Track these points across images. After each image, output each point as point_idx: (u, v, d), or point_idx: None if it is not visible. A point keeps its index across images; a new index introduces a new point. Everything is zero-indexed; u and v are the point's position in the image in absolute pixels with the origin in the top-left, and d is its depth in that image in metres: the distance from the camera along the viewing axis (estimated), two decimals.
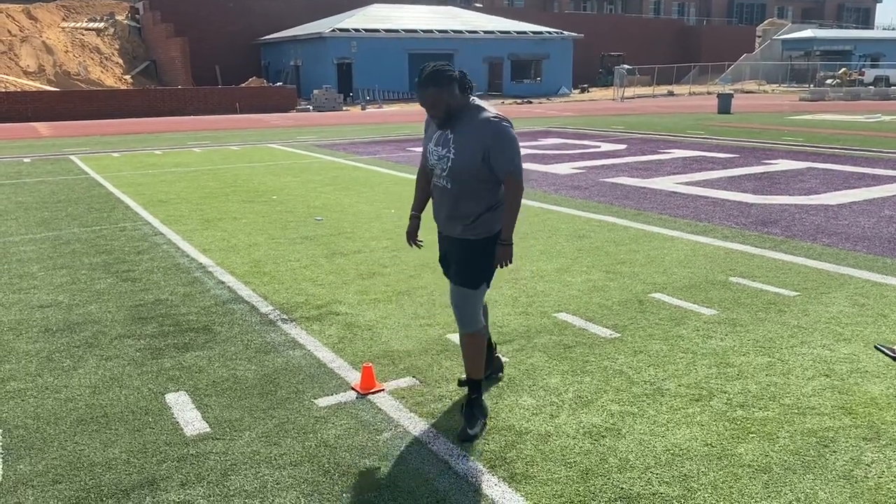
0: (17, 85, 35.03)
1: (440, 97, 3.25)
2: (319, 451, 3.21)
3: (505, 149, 3.25)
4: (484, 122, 3.27)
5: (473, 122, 3.29)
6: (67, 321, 5.00)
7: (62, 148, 17.81)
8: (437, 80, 3.23)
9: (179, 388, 3.88)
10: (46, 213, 9.13)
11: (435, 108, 3.28)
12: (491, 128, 3.26)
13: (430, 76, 3.23)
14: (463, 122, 3.31)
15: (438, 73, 3.23)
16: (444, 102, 3.26)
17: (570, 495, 2.85)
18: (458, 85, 3.27)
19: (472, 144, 3.26)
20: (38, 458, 3.19)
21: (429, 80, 3.24)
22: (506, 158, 3.25)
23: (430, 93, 3.25)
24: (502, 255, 3.32)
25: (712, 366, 4.07)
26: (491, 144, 3.24)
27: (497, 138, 3.25)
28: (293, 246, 7.12)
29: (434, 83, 3.23)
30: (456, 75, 3.27)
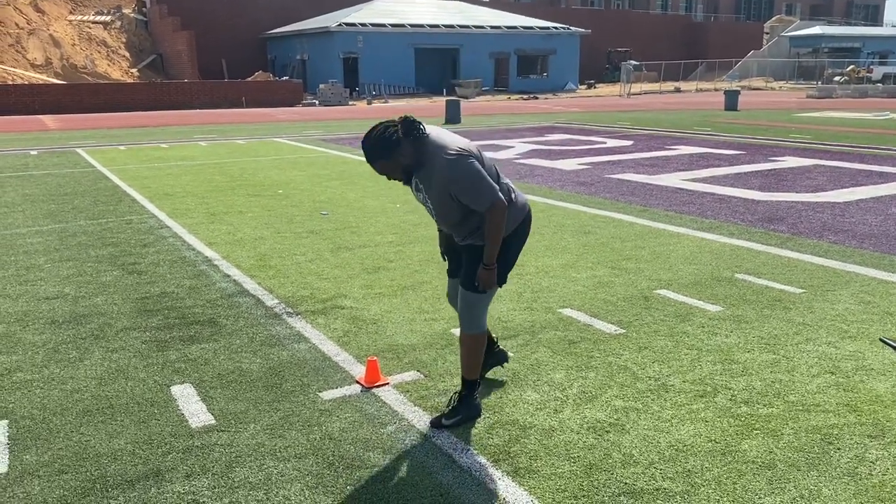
0: (25, 78, 35.12)
1: (391, 165, 3.14)
2: (324, 443, 3.22)
3: (468, 192, 3.11)
4: (438, 169, 3.11)
5: (430, 167, 3.14)
6: (74, 313, 5.03)
7: (69, 141, 17.86)
8: (379, 152, 3.11)
9: (185, 381, 3.89)
10: (53, 205, 9.16)
11: (392, 174, 3.20)
12: (446, 174, 3.10)
13: (372, 152, 3.11)
14: (426, 167, 3.17)
15: (378, 143, 3.09)
16: (398, 167, 3.15)
17: (574, 490, 2.85)
18: (406, 143, 3.11)
19: (438, 190, 3.17)
20: (45, 449, 3.21)
21: (372, 156, 3.13)
22: (473, 200, 3.13)
23: (380, 166, 3.15)
24: (483, 278, 3.25)
25: (717, 362, 4.06)
26: (452, 188, 3.13)
27: (455, 184, 3.11)
28: (299, 240, 7.13)
29: (379, 156, 3.12)
30: (398, 135, 3.09)
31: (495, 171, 3.34)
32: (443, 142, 3.18)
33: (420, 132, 3.14)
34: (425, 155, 3.15)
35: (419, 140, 3.14)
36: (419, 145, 3.15)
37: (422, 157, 3.16)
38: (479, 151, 3.29)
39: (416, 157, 3.16)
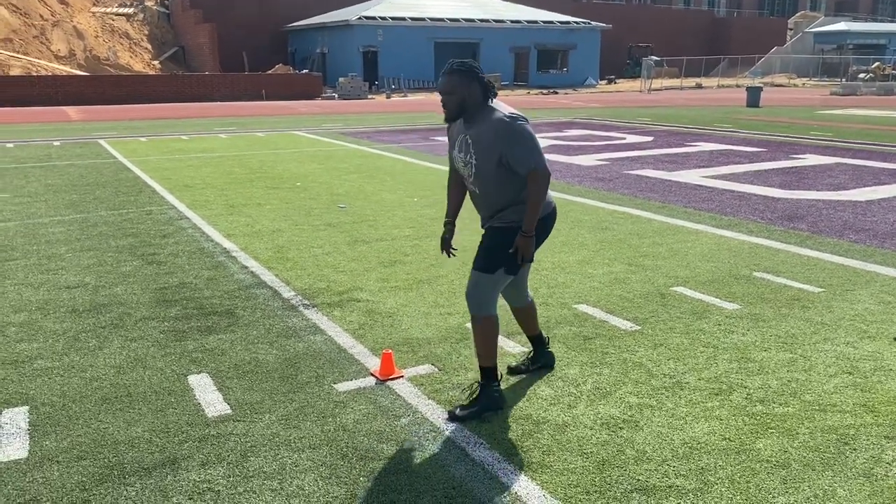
0: (49, 69, 35.49)
1: (458, 89, 3.27)
2: (338, 434, 3.25)
3: (519, 148, 3.25)
4: (496, 124, 3.27)
5: (487, 123, 3.30)
6: (94, 302, 5.09)
7: (91, 132, 18.04)
8: (463, 71, 3.28)
9: (202, 370, 3.93)
10: (75, 195, 9.27)
11: (450, 97, 3.30)
12: (503, 129, 3.26)
13: (459, 65, 3.30)
14: (479, 125, 3.32)
15: (467, 65, 3.29)
16: (460, 95, 3.29)
17: (586, 485, 2.86)
18: (480, 86, 3.29)
19: (488, 147, 3.29)
20: (64, 435, 3.26)
21: (452, 70, 3.29)
22: (522, 157, 3.26)
23: (452, 80, 3.28)
24: (521, 245, 3.32)
25: (733, 360, 4.04)
26: (504, 146, 3.25)
27: (510, 139, 3.25)
28: (316, 233, 7.17)
29: (458, 73, 3.28)
30: (483, 78, 3.30)
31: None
32: (503, 107, 3.37)
33: (493, 93, 3.34)
34: (484, 113, 3.32)
35: (488, 97, 3.33)
36: (485, 102, 3.34)
37: (481, 113, 3.33)
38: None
39: (475, 109, 3.32)
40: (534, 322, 3.87)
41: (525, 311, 3.82)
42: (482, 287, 3.41)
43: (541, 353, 3.93)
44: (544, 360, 3.93)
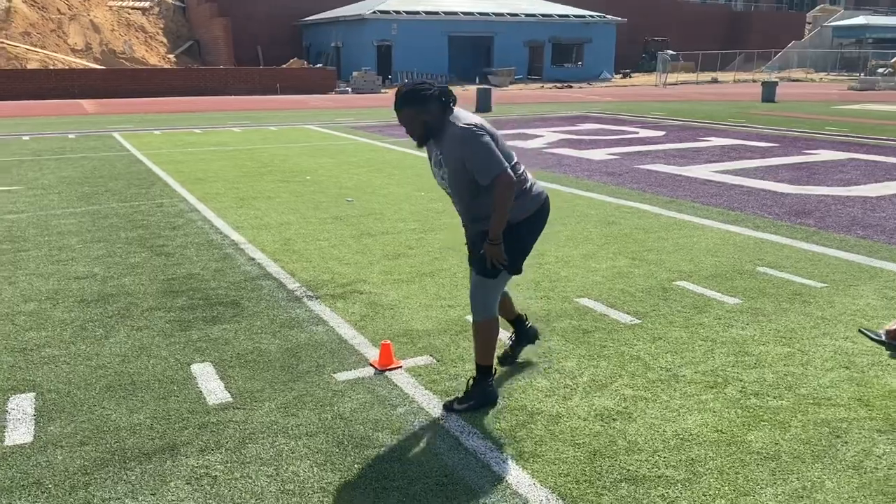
0: (65, 62, 35.81)
1: (416, 117, 3.28)
2: (335, 423, 3.31)
3: (475, 159, 3.22)
4: (454, 137, 3.26)
5: (449, 137, 3.29)
6: (102, 292, 5.18)
7: (105, 125, 18.22)
8: (411, 99, 3.26)
9: (205, 359, 4.01)
10: (87, 187, 9.39)
11: (411, 127, 3.32)
12: (458, 140, 3.25)
13: (405, 96, 3.27)
14: (444, 141, 3.32)
15: (413, 92, 3.26)
16: (419, 122, 3.29)
17: (577, 475, 2.90)
18: (436, 103, 3.26)
19: (454, 161, 3.29)
20: (68, 421, 3.34)
21: (403, 101, 3.28)
22: (479, 168, 3.23)
23: (405, 113, 3.29)
24: (489, 252, 3.30)
25: (730, 354, 4.06)
26: (463, 155, 3.25)
27: (465, 150, 3.23)
28: (323, 225, 7.24)
29: (408, 103, 3.27)
30: (434, 94, 3.26)
31: (511, 156, 3.40)
32: (461, 116, 3.34)
33: (451, 102, 3.31)
34: (446, 125, 3.30)
35: (447, 109, 3.30)
36: (446, 115, 3.31)
37: (444, 126, 3.31)
38: (494, 132, 3.38)
39: (440, 125, 3.30)
40: (510, 306, 3.93)
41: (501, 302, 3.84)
42: (485, 290, 3.44)
43: (522, 332, 3.98)
44: (527, 337, 3.98)
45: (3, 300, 5.02)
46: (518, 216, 3.38)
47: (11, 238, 6.75)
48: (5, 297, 5.08)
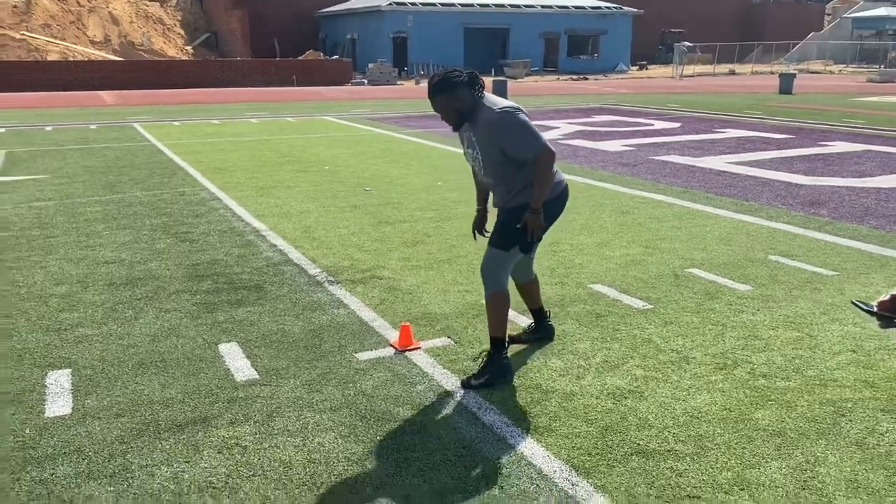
0: (85, 54, 36.19)
1: (450, 104, 3.45)
2: (358, 399, 3.46)
3: (516, 140, 3.42)
4: (489, 121, 3.43)
5: (483, 121, 3.45)
6: (130, 276, 5.36)
7: (126, 116, 18.47)
8: (444, 87, 3.43)
9: (231, 340, 4.17)
10: (111, 176, 9.60)
11: (446, 113, 3.50)
12: (496, 124, 3.42)
13: (438, 84, 3.44)
14: (477, 124, 3.48)
15: (445, 80, 3.43)
16: (453, 108, 3.46)
17: (589, 448, 3.03)
18: (467, 88, 3.43)
19: (488, 143, 3.47)
20: (104, 395, 3.51)
21: (437, 89, 3.45)
22: (522, 147, 3.43)
23: (440, 100, 3.46)
24: (531, 221, 3.50)
25: (740, 338, 4.17)
26: (502, 140, 3.43)
27: (504, 133, 3.42)
28: (342, 214, 7.39)
29: (442, 91, 3.44)
30: (464, 79, 3.43)
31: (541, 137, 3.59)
32: (495, 100, 3.51)
33: (481, 87, 3.47)
34: (480, 110, 3.47)
35: (478, 94, 3.46)
36: (477, 100, 3.47)
37: (477, 111, 3.47)
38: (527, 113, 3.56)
39: (471, 109, 3.47)
40: (536, 296, 4.08)
41: (529, 286, 4.02)
42: (496, 262, 3.60)
43: (541, 326, 4.13)
44: (544, 332, 4.13)
45: (36, 283, 5.21)
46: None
47: (41, 225, 6.96)
48: (37, 281, 5.27)
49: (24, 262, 5.72)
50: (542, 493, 2.72)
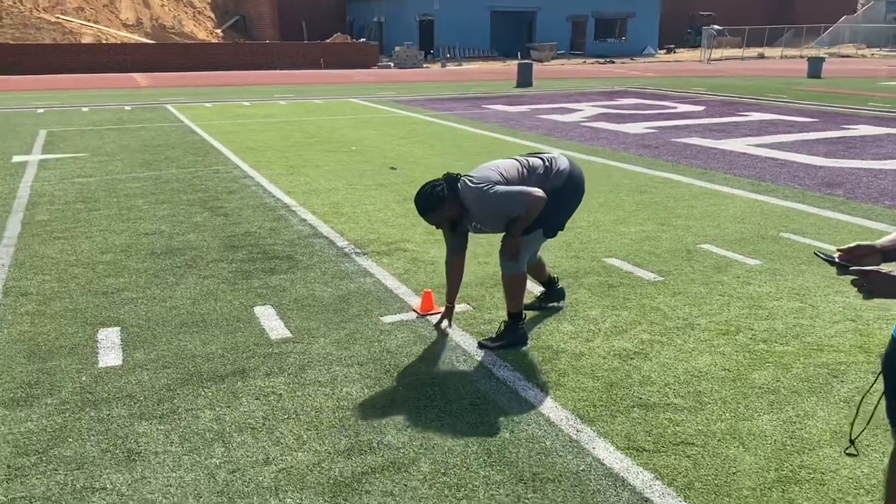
0: (117, 37, 36.78)
1: (440, 216, 3.76)
2: (382, 355, 3.74)
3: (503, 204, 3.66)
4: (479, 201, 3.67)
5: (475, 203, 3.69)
6: (169, 246, 5.69)
7: (159, 97, 18.90)
8: (430, 206, 3.72)
9: (266, 303, 4.48)
10: (148, 155, 9.97)
11: (441, 225, 3.83)
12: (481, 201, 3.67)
13: (425, 206, 3.73)
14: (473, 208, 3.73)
15: (428, 199, 3.71)
16: (445, 218, 3.77)
17: (594, 400, 3.29)
18: (450, 196, 3.69)
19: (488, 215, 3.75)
20: (150, 349, 3.83)
21: (424, 209, 3.75)
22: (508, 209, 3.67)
23: (431, 218, 3.79)
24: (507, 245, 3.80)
25: (745, 307, 4.39)
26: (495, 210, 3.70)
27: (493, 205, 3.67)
28: (368, 192, 7.67)
29: (430, 209, 3.74)
30: (444, 192, 3.68)
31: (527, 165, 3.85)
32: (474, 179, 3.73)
33: (457, 179, 3.75)
34: (468, 200, 3.72)
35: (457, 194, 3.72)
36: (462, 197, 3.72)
37: (466, 204, 3.73)
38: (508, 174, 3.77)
39: (461, 211, 3.76)
40: (542, 271, 4.34)
41: (534, 267, 4.25)
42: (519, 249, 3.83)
43: (552, 292, 4.40)
44: (555, 295, 4.40)
45: (83, 251, 5.57)
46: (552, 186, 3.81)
47: (84, 199, 7.33)
48: (84, 249, 5.62)
49: (72, 233, 6.09)
50: (549, 437, 2.99)
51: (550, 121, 13.87)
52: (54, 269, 5.15)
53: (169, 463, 2.82)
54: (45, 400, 3.31)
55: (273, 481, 2.70)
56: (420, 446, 2.92)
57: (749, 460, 2.83)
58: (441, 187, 3.72)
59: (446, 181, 3.75)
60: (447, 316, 4.10)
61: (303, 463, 2.81)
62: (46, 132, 12.37)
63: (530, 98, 18.89)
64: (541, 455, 2.86)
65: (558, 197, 3.86)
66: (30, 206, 7.09)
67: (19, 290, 4.74)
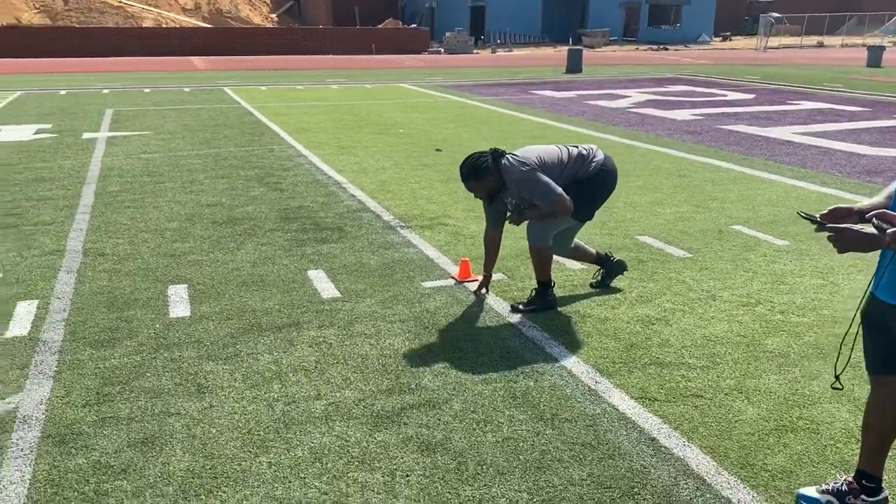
0: (177, 21, 37.85)
1: (480, 186, 4.05)
2: (423, 315, 4.10)
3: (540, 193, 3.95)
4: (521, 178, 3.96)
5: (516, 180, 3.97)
6: (230, 217, 6.15)
7: (216, 80, 19.57)
8: (474, 175, 4.03)
9: (318, 268, 4.87)
10: (207, 134, 10.51)
11: (478, 193, 4.12)
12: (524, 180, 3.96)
13: (468, 173, 4.04)
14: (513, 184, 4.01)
15: (474, 169, 4.02)
16: (484, 189, 4.06)
17: (613, 358, 3.59)
18: (493, 169, 3.98)
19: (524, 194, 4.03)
20: (215, 304, 4.26)
21: (468, 177, 4.06)
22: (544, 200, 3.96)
23: (472, 185, 4.08)
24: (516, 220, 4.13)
25: (768, 283, 4.61)
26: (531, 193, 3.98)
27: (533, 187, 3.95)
28: (414, 171, 8.02)
29: (473, 177, 4.05)
30: (488, 163, 3.99)
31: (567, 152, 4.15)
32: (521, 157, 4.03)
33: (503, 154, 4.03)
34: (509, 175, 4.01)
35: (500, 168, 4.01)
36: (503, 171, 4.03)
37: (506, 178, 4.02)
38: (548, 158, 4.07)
39: (499, 185, 4.06)
40: (586, 254, 4.52)
41: (575, 253, 4.47)
42: (544, 222, 4.13)
43: (610, 267, 4.56)
44: (615, 270, 4.56)
45: (152, 219, 6.05)
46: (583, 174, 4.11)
47: (150, 173, 7.86)
48: (153, 218, 6.11)
49: (140, 203, 6.59)
50: (569, 386, 3.31)
51: (597, 106, 14.03)
52: (126, 234, 5.64)
53: (233, 395, 3.23)
54: (125, 342, 3.76)
55: (323, 412, 3.08)
56: (453, 389, 3.27)
57: (751, 411, 3.10)
58: (486, 159, 4.03)
59: (492, 154, 4.05)
60: (485, 284, 4.42)
61: (349, 399, 3.19)
62: (112, 111, 13.05)
63: (579, 84, 19.00)
64: (560, 400, 3.18)
65: (592, 185, 4.15)
66: (101, 178, 7.64)
67: (97, 251, 5.23)
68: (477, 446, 2.84)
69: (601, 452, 2.81)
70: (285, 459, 2.76)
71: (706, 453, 2.80)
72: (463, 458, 2.77)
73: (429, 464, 2.73)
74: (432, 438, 2.89)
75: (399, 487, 2.60)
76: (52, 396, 3.22)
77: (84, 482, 2.63)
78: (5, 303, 4.27)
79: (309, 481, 2.64)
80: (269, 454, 2.79)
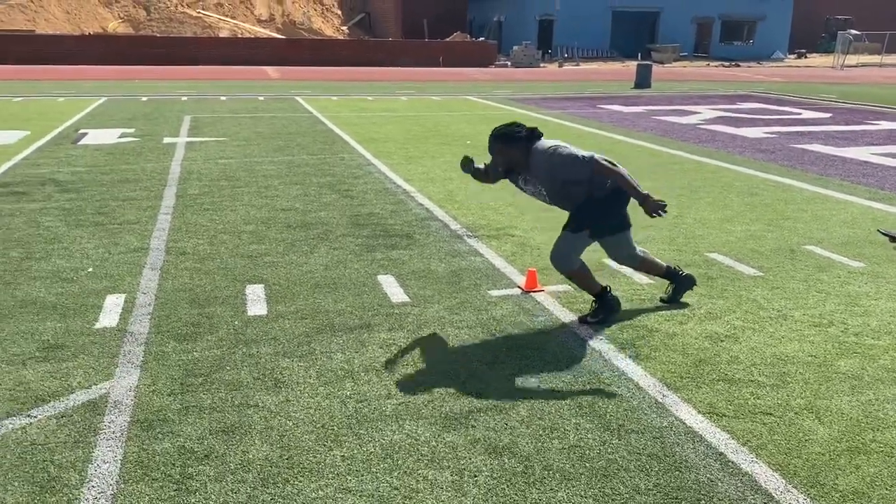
0: (252, 32, 39.05)
1: (503, 151, 4.16)
2: (489, 322, 4.18)
3: (568, 165, 4.01)
4: (544, 160, 4.06)
5: (537, 161, 4.08)
6: (303, 221, 6.35)
7: (288, 90, 20.13)
8: (503, 139, 4.17)
9: (388, 273, 5.01)
10: (280, 142, 10.84)
11: (499, 157, 4.22)
12: (549, 161, 4.06)
13: (500, 135, 4.20)
14: (533, 165, 4.11)
15: (507, 133, 4.17)
16: (506, 156, 4.17)
17: (682, 373, 3.59)
18: (522, 144, 4.08)
19: (549, 175, 4.11)
20: (290, 303, 4.43)
21: (497, 138, 4.20)
22: (575, 170, 4.02)
23: (496, 146, 4.20)
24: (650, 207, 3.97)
25: (842, 304, 4.53)
26: (559, 170, 4.05)
27: (560, 164, 4.03)
28: (481, 182, 8.10)
29: (500, 141, 4.18)
30: (522, 136, 4.11)
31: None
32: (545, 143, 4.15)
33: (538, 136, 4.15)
34: (534, 156, 4.12)
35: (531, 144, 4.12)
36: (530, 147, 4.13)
37: (532, 157, 4.12)
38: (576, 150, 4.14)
39: (525, 159, 4.16)
40: (655, 265, 4.50)
41: (642, 265, 4.48)
42: (566, 245, 4.21)
43: (679, 283, 4.53)
44: (685, 285, 4.53)
45: (230, 222, 6.31)
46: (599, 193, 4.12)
47: (227, 177, 8.17)
48: (230, 220, 6.36)
49: (218, 206, 6.87)
50: (636, 398, 3.33)
51: (667, 122, 13.90)
52: (206, 235, 5.90)
53: (308, 391, 3.36)
54: (206, 337, 3.95)
55: (394, 411, 3.18)
56: (519, 395, 3.34)
57: (822, 431, 3.07)
58: (522, 131, 4.16)
59: (529, 130, 4.17)
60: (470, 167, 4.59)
61: (419, 399, 3.28)
62: (191, 118, 13.57)
63: (647, 99, 18.84)
64: (627, 412, 3.21)
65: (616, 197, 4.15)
66: (181, 181, 7.98)
67: (178, 250, 5.49)
68: (543, 451, 2.90)
69: (668, 464, 2.83)
70: (358, 454, 2.87)
71: (775, 470, 2.79)
72: (529, 463, 2.83)
73: (496, 466, 2.80)
74: (499, 441, 2.96)
75: (467, 487, 2.68)
76: (139, 384, 3.42)
77: (170, 465, 2.80)
78: (96, 295, 4.53)
79: (380, 476, 2.74)
80: (343, 448, 2.91)
